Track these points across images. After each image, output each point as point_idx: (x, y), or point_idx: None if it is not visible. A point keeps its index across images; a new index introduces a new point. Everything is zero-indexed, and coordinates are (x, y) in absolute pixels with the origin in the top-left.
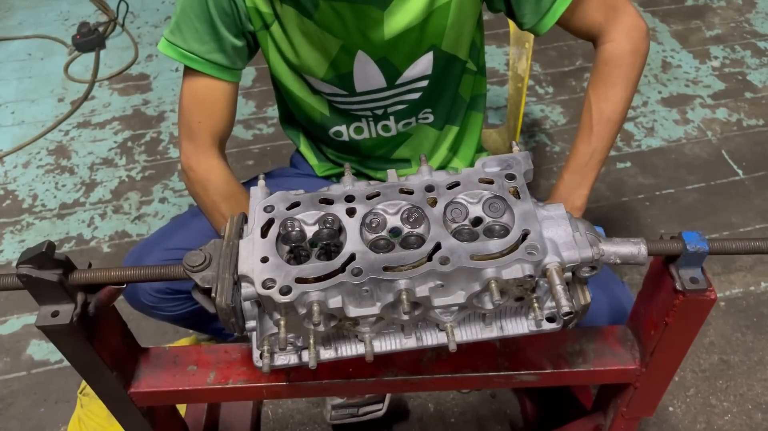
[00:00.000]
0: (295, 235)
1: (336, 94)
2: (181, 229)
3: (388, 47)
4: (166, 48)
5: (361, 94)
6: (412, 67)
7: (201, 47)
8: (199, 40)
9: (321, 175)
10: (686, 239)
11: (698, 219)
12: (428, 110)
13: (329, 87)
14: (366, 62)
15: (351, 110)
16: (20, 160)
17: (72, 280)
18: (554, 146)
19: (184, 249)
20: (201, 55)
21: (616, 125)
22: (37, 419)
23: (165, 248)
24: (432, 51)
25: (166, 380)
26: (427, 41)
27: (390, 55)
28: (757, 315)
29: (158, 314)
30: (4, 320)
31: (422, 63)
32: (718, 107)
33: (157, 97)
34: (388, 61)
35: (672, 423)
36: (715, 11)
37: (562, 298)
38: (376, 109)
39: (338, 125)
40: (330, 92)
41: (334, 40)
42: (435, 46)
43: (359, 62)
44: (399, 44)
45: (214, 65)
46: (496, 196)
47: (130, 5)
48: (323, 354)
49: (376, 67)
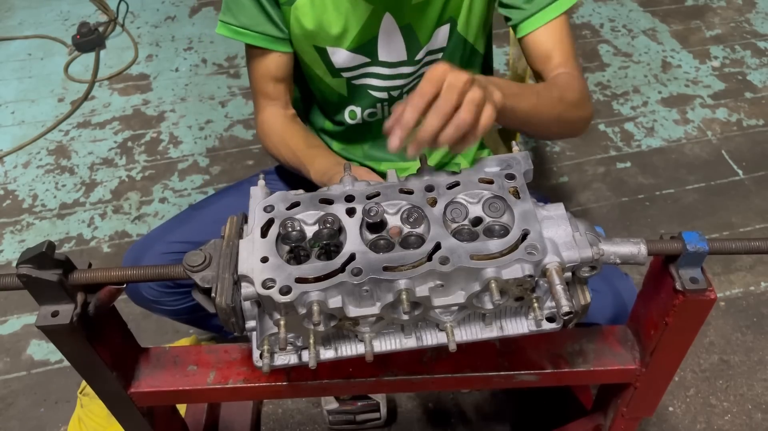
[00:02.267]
0: (295, 235)
1: (357, 66)
2: (182, 224)
3: (414, 12)
4: (221, 28)
5: (383, 65)
6: (432, 40)
7: (250, 21)
8: (247, 14)
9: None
10: (686, 239)
11: (698, 219)
12: None
13: (352, 57)
14: (392, 28)
15: (369, 88)
16: (20, 160)
17: (72, 280)
18: (554, 146)
19: (186, 243)
20: (251, 28)
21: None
22: (37, 419)
23: (167, 241)
24: (449, 23)
25: (166, 380)
26: (448, 12)
27: (414, 22)
28: (757, 315)
29: (159, 308)
30: (4, 320)
31: (441, 34)
32: (718, 107)
33: (157, 97)
34: (412, 30)
35: (672, 423)
36: (715, 11)
37: (562, 298)
38: (392, 89)
39: (354, 106)
40: (352, 65)
41: (364, 4)
42: (453, 18)
43: (385, 26)
44: (425, 10)
45: (267, 37)
46: (496, 196)
47: (130, 5)
48: (323, 354)
49: (399, 35)
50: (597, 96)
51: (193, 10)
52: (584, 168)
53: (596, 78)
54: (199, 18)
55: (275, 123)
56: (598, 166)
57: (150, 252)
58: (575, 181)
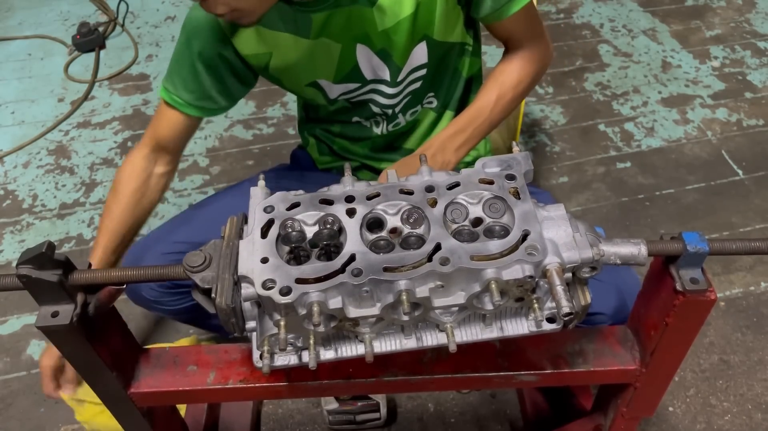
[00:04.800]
0: (295, 236)
1: (350, 92)
2: (182, 224)
3: (384, 38)
4: (161, 91)
5: (373, 82)
6: (409, 61)
7: (188, 95)
8: (186, 88)
9: (321, 167)
10: (686, 239)
11: (698, 219)
12: (431, 95)
13: (343, 86)
14: (368, 53)
15: (370, 102)
16: (20, 160)
17: (72, 280)
18: (554, 146)
19: (186, 243)
20: (188, 101)
21: (512, 103)
22: (37, 419)
23: (167, 242)
24: (425, 41)
25: (166, 380)
26: (419, 31)
27: (388, 45)
28: (757, 315)
29: (159, 308)
30: (4, 320)
31: (418, 53)
32: (718, 107)
33: (157, 97)
34: (388, 53)
35: (672, 423)
36: (715, 11)
37: (562, 299)
38: (386, 108)
39: (358, 117)
40: (345, 92)
41: (334, 45)
42: (427, 35)
43: (361, 53)
44: (395, 35)
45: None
46: (496, 197)
47: (130, 5)
48: (323, 355)
49: (377, 58)
50: (597, 96)
51: None
52: (584, 168)
53: (596, 78)
54: None
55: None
56: (598, 166)
57: (150, 253)
58: (575, 181)
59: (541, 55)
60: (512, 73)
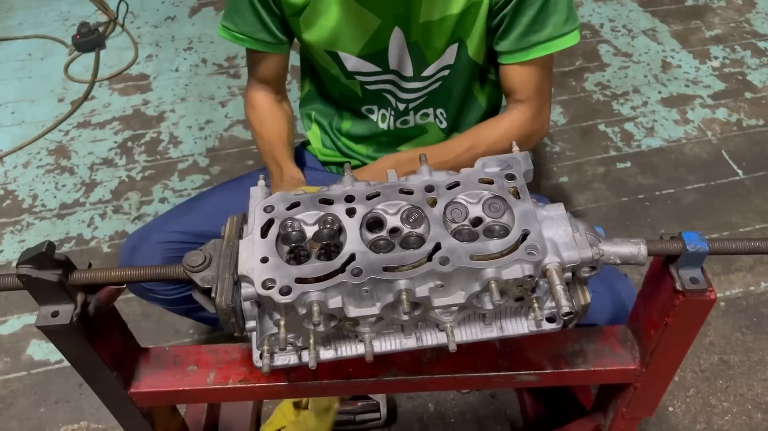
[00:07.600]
0: (295, 235)
1: (370, 73)
2: (180, 215)
3: (422, 30)
4: (221, 31)
5: (394, 73)
6: (441, 57)
7: (248, 29)
8: (245, 23)
9: (322, 160)
10: (686, 239)
11: (698, 219)
12: (442, 110)
13: (363, 63)
14: (401, 43)
15: (384, 92)
16: (20, 160)
17: (72, 280)
18: (554, 146)
19: (183, 233)
20: (249, 35)
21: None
22: (37, 419)
23: (165, 231)
24: (458, 43)
25: (166, 380)
26: (457, 33)
27: (422, 40)
28: (757, 315)
29: (154, 298)
30: (4, 320)
31: (449, 53)
32: (718, 107)
33: (157, 97)
34: (419, 47)
35: (672, 423)
36: (715, 11)
37: (562, 298)
38: (401, 102)
39: (370, 104)
40: (364, 71)
41: (373, 19)
42: (461, 39)
43: (395, 39)
44: (433, 29)
45: (262, 42)
46: (496, 196)
47: (130, 5)
48: (323, 354)
49: (407, 50)
50: (597, 96)
51: (193, 10)
52: (584, 168)
53: (596, 78)
54: (199, 18)
55: (263, 100)
56: (598, 166)
57: (147, 241)
58: (575, 181)
59: (532, 122)
60: (496, 131)
